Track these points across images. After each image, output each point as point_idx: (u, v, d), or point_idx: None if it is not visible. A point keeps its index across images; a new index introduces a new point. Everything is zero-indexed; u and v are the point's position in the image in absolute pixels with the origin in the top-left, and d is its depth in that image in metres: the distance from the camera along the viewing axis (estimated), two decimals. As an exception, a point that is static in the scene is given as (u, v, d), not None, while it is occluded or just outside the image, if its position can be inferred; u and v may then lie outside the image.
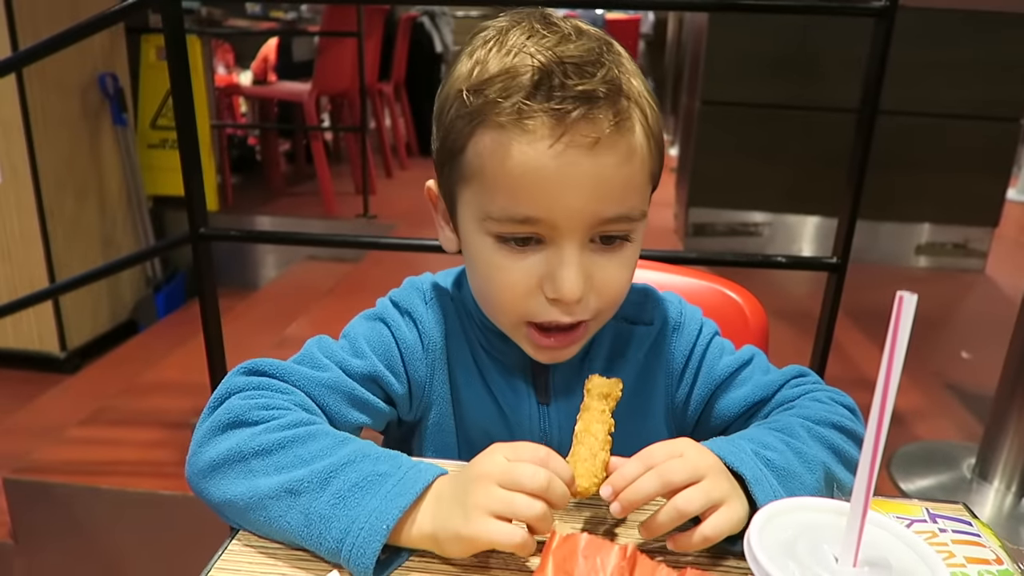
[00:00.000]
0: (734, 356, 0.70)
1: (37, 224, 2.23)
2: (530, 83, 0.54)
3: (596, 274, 0.58)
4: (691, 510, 0.51)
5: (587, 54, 0.55)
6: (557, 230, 0.56)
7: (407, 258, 2.78)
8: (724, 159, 3.15)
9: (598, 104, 0.53)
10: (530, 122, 0.54)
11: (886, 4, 1.20)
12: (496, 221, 0.57)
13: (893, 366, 0.35)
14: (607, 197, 0.56)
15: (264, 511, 0.53)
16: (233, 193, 3.88)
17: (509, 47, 0.56)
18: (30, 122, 2.16)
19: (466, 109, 0.56)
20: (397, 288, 0.71)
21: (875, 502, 0.56)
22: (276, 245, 3.25)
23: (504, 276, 0.59)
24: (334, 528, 0.50)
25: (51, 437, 1.87)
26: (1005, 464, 1.62)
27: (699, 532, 0.51)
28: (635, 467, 0.52)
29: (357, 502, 0.51)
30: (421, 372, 0.67)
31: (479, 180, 0.57)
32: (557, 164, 0.54)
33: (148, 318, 2.69)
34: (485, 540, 0.49)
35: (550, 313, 0.59)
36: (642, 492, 0.51)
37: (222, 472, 0.55)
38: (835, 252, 1.33)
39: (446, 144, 0.59)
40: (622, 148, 0.55)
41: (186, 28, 1.34)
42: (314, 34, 4.19)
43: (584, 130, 0.53)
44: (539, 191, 0.55)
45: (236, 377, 0.60)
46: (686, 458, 0.53)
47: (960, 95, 3.03)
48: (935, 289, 3.08)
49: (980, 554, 0.51)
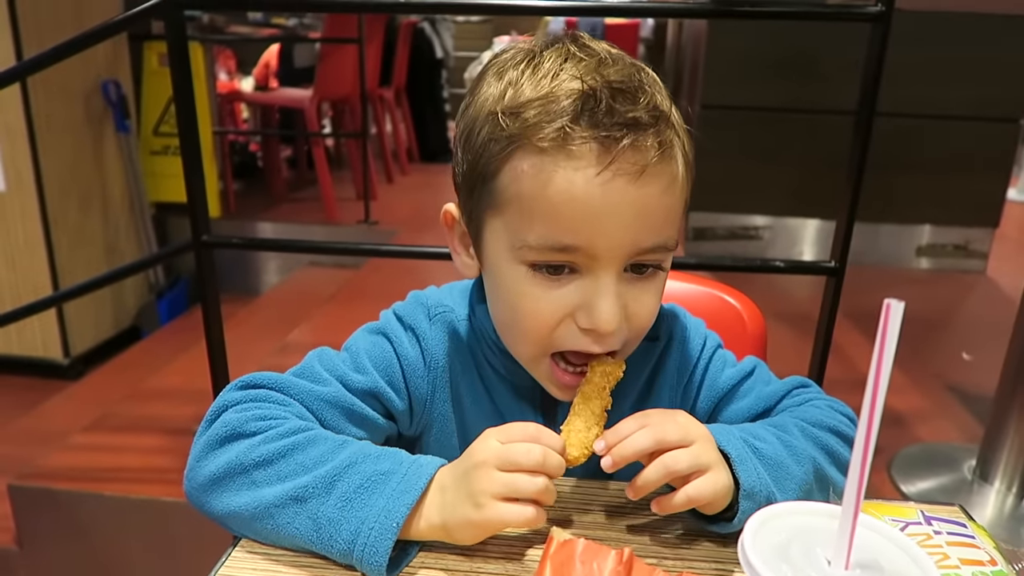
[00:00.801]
0: (736, 368, 0.70)
1: (41, 231, 2.24)
2: (573, 107, 0.52)
3: (629, 304, 0.57)
4: (678, 468, 0.53)
5: (628, 79, 0.54)
6: (596, 260, 0.54)
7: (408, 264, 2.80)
8: (724, 163, 3.15)
9: (644, 132, 0.52)
10: (576, 148, 0.52)
11: (882, 9, 1.20)
12: (533, 249, 0.55)
13: (881, 372, 0.36)
14: (648, 227, 0.55)
15: (271, 520, 0.53)
16: (235, 199, 3.89)
17: (546, 70, 0.54)
18: (34, 129, 2.17)
19: (502, 132, 0.54)
20: (401, 301, 0.70)
21: (871, 505, 0.56)
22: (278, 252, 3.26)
23: (534, 305, 0.57)
24: (344, 530, 0.51)
25: (55, 443, 1.88)
26: (1006, 465, 1.62)
27: (682, 492, 0.53)
28: (630, 425, 0.54)
29: (364, 502, 0.52)
30: (422, 389, 0.66)
31: (516, 206, 0.55)
32: (603, 192, 0.52)
33: (151, 324, 2.70)
34: (498, 523, 0.51)
35: (580, 343, 0.57)
36: (634, 446, 0.53)
37: (224, 485, 0.55)
38: (833, 256, 1.33)
39: (476, 168, 0.57)
40: (665, 177, 0.54)
41: (188, 35, 1.35)
42: (315, 40, 4.21)
43: (631, 158, 0.52)
44: (583, 219, 0.53)
45: (232, 392, 0.60)
46: (679, 422, 0.55)
47: (959, 96, 3.04)
48: (936, 290, 3.08)
49: (974, 555, 0.52)
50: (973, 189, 3.15)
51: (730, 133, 3.11)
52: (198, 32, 3.75)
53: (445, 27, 5.55)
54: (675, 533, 0.57)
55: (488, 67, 0.60)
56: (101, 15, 2.37)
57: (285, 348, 2.40)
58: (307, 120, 3.74)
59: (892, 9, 1.20)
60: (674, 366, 0.69)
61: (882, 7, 1.20)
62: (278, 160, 4.42)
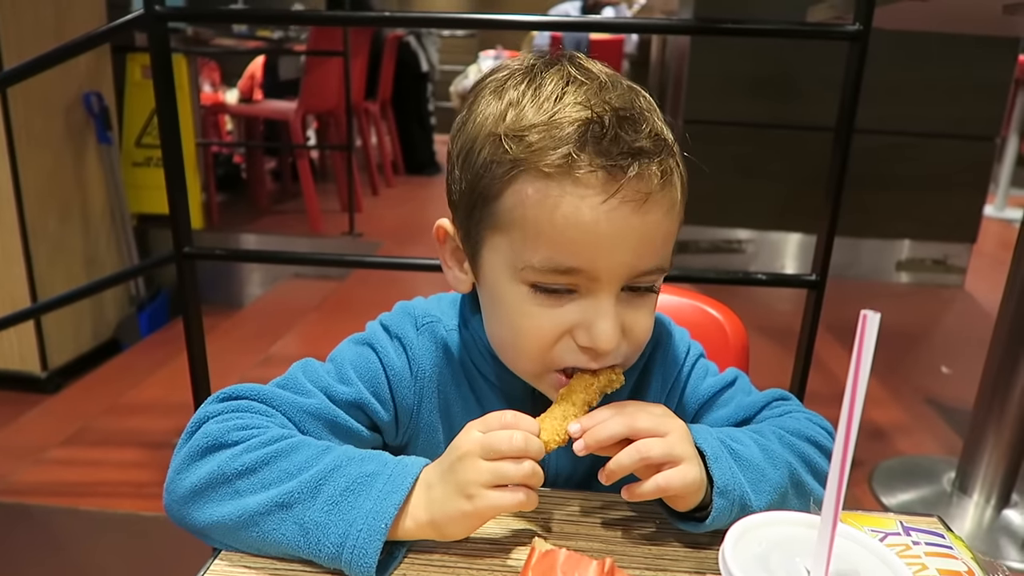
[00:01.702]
0: (718, 378, 0.72)
1: (19, 243, 2.21)
2: (579, 134, 0.53)
3: (626, 322, 0.58)
4: (651, 455, 0.54)
5: (631, 106, 0.55)
6: (597, 282, 0.55)
7: (393, 276, 2.80)
8: (706, 177, 3.17)
9: (648, 160, 0.53)
10: (582, 175, 0.52)
11: (860, 28, 1.23)
12: (536, 271, 0.55)
13: (859, 382, 0.36)
14: (648, 251, 0.56)
15: (256, 528, 0.53)
16: (218, 211, 3.87)
17: (548, 92, 0.55)
18: (13, 140, 2.15)
19: (505, 155, 0.54)
20: (388, 312, 0.70)
21: (850, 515, 0.57)
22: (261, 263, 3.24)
23: (533, 323, 0.57)
24: (331, 534, 0.51)
25: (31, 458, 1.85)
26: (984, 477, 1.64)
27: (652, 480, 0.54)
28: (606, 412, 0.56)
29: (351, 505, 0.52)
30: (408, 399, 0.66)
31: (520, 229, 0.55)
32: (608, 219, 0.53)
33: (131, 337, 2.67)
34: (491, 511, 0.52)
35: (579, 360, 0.58)
36: (608, 430, 0.54)
37: (206, 496, 0.55)
38: (814, 269, 1.35)
39: (476, 188, 0.57)
40: (666, 203, 0.56)
41: (172, 47, 1.35)
42: (301, 53, 4.22)
43: (636, 186, 0.53)
44: (587, 244, 0.54)
45: (212, 404, 0.60)
46: (655, 413, 0.57)
47: (938, 114, 3.10)
48: (915, 304, 3.12)
49: (952, 566, 0.52)
50: (951, 205, 3.20)
51: (713, 148, 3.14)
52: (182, 44, 3.74)
53: (431, 41, 5.57)
54: (657, 544, 0.57)
55: (484, 84, 0.60)
56: (83, 26, 2.36)
57: (268, 360, 2.39)
58: (292, 132, 3.74)
59: (870, 28, 1.23)
60: (659, 372, 0.70)
61: (860, 26, 1.23)
62: (262, 172, 4.41)
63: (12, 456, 1.86)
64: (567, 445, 0.66)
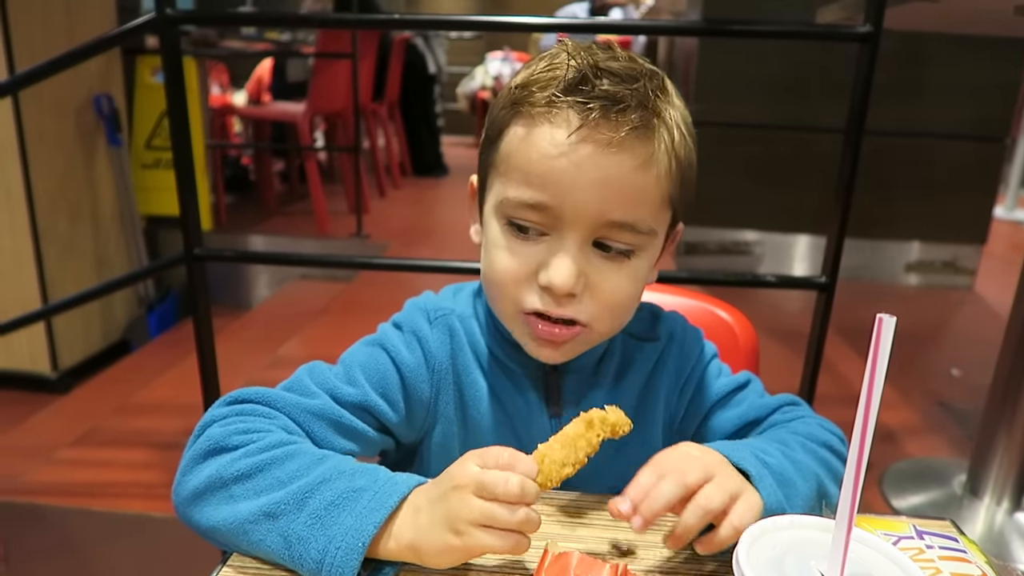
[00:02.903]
0: (731, 378, 0.72)
1: (31, 244, 2.22)
2: (566, 80, 0.57)
3: (593, 275, 0.59)
4: (714, 506, 0.51)
5: (628, 70, 0.57)
6: (562, 221, 0.58)
7: (400, 278, 2.80)
8: (715, 179, 3.18)
9: (623, 108, 0.55)
10: (558, 114, 0.56)
11: (870, 29, 1.22)
12: (511, 204, 0.59)
13: (875, 385, 0.36)
14: (615, 199, 0.57)
15: (246, 535, 0.53)
16: (227, 212, 3.89)
17: (563, 57, 0.59)
18: (25, 142, 2.16)
19: (509, 100, 0.60)
20: (399, 312, 0.70)
21: (863, 519, 0.56)
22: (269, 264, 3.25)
23: (505, 258, 0.60)
24: (312, 549, 0.51)
25: (42, 458, 1.86)
26: (995, 480, 1.62)
27: (726, 526, 0.51)
28: (649, 476, 0.52)
29: (333, 521, 0.51)
30: (425, 392, 0.66)
31: (505, 165, 0.60)
32: (572, 155, 0.56)
33: (140, 338, 2.68)
34: (478, 550, 0.50)
35: (542, 301, 0.59)
36: (663, 499, 0.50)
37: (205, 499, 0.55)
38: (824, 271, 1.34)
39: (489, 134, 0.62)
40: (640, 154, 0.57)
41: (182, 49, 1.35)
42: (309, 55, 4.23)
43: (604, 128, 0.55)
44: (551, 179, 0.57)
45: (219, 408, 0.60)
46: (696, 458, 0.54)
47: (948, 115, 3.08)
48: (925, 307, 3.10)
49: (966, 570, 0.52)
50: (961, 207, 3.19)
51: (721, 150, 3.14)
52: (191, 46, 3.76)
53: (438, 43, 5.58)
54: (670, 549, 0.56)
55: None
56: (94, 30, 2.37)
57: (277, 361, 2.39)
58: (300, 134, 3.75)
59: (881, 29, 1.22)
60: (673, 367, 0.71)
61: (871, 27, 1.22)
62: (270, 174, 4.42)
63: (23, 456, 1.87)
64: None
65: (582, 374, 0.68)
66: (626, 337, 0.70)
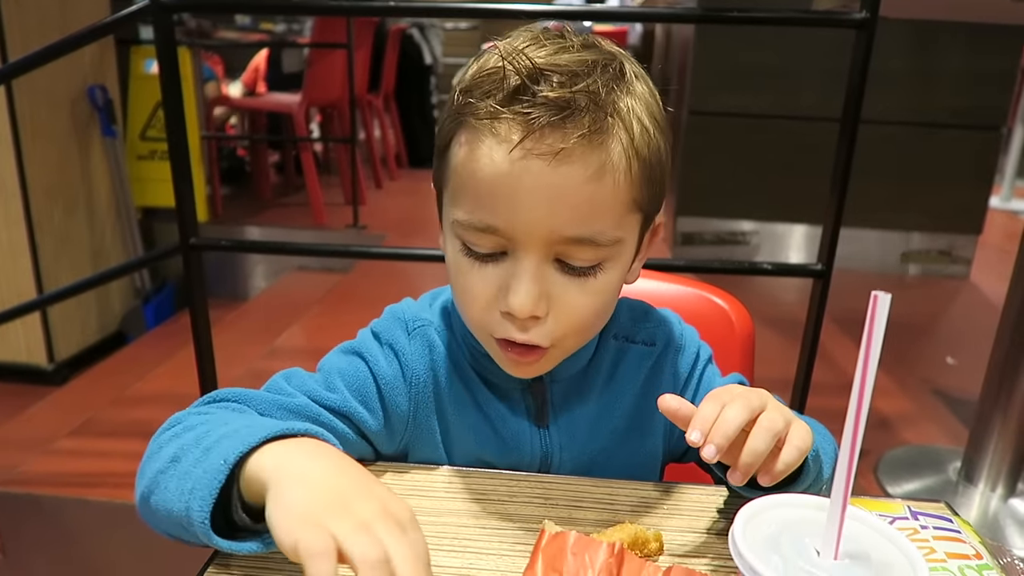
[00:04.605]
0: (725, 381, 0.71)
1: (25, 235, 2.22)
2: (509, 87, 0.52)
3: (557, 295, 0.55)
4: (779, 427, 0.51)
5: (578, 65, 0.53)
6: (515, 242, 0.54)
7: (396, 268, 2.80)
8: (712, 168, 3.18)
9: (571, 115, 0.51)
10: (500, 126, 0.52)
11: (866, 16, 1.22)
12: (462, 226, 0.55)
13: (869, 361, 0.37)
14: (567, 215, 0.53)
15: (159, 489, 0.49)
16: (223, 204, 3.88)
17: (508, 51, 0.53)
18: (18, 133, 2.15)
19: (453, 108, 0.56)
20: (378, 319, 0.68)
21: (859, 501, 0.57)
22: (266, 256, 3.25)
23: (467, 282, 0.57)
24: (188, 481, 0.46)
25: (39, 449, 1.86)
26: (990, 467, 1.64)
27: (789, 446, 0.51)
28: (712, 407, 0.51)
29: (220, 450, 0.46)
30: (403, 406, 0.64)
31: (452, 181, 0.57)
32: (516, 171, 0.52)
33: (137, 329, 2.68)
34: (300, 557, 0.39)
35: (506, 328, 0.56)
36: (734, 423, 0.49)
37: (142, 471, 0.52)
38: (820, 259, 1.35)
39: (438, 143, 0.59)
40: (592, 164, 0.52)
41: (176, 39, 1.35)
42: (304, 46, 4.21)
43: (549, 139, 0.51)
44: (498, 199, 0.53)
45: (193, 406, 0.59)
46: (748, 390, 0.54)
47: (943, 104, 3.08)
48: (921, 296, 3.11)
49: (960, 549, 0.52)
50: (957, 196, 3.19)
51: (718, 139, 3.14)
52: (185, 37, 3.74)
53: (434, 33, 5.56)
54: (666, 530, 0.57)
55: None
56: (87, 19, 2.36)
57: (274, 352, 2.39)
58: (295, 125, 3.74)
59: (877, 16, 1.22)
60: (671, 371, 0.69)
61: (867, 14, 1.22)
62: (266, 165, 4.41)
63: (20, 447, 1.87)
64: (570, 431, 0.66)
65: (568, 382, 0.66)
66: (616, 340, 0.68)
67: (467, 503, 0.60)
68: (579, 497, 0.61)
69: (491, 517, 0.58)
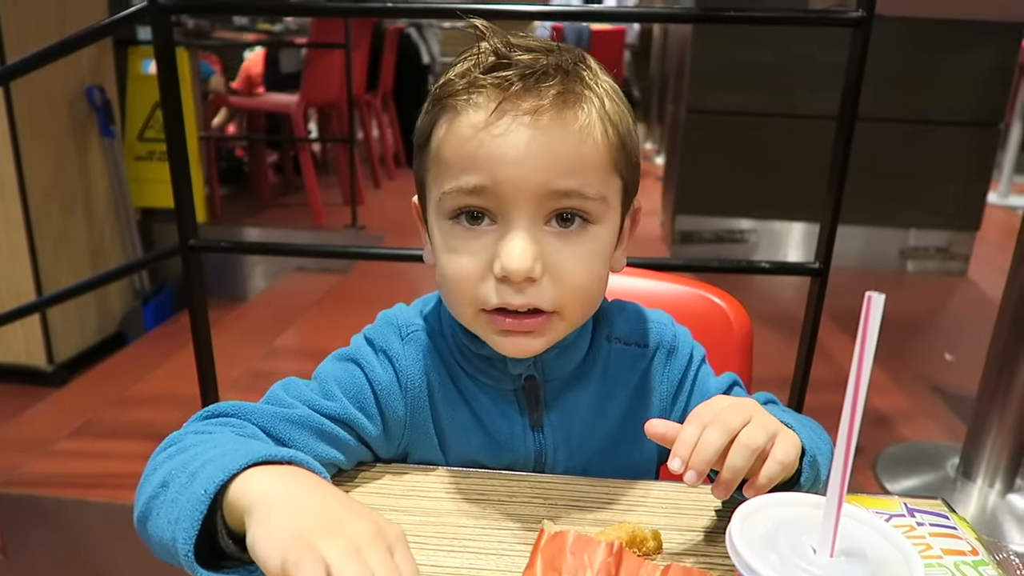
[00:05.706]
0: (719, 380, 0.71)
1: (24, 237, 2.22)
2: (483, 64, 0.56)
3: (552, 257, 0.56)
4: (758, 444, 0.51)
5: (544, 45, 0.57)
6: (505, 202, 0.55)
7: (395, 268, 2.80)
8: (710, 167, 3.18)
9: (544, 79, 0.54)
10: (478, 97, 0.55)
11: (863, 15, 1.22)
12: (449, 195, 0.57)
13: (864, 361, 0.37)
14: (553, 167, 0.55)
15: (152, 516, 0.49)
16: (221, 204, 3.88)
17: (484, 48, 0.57)
18: (17, 134, 2.15)
19: (431, 101, 0.59)
20: (371, 324, 0.68)
21: (855, 499, 0.57)
22: (264, 256, 3.25)
23: (458, 259, 0.58)
24: (175, 510, 0.46)
25: (39, 450, 1.87)
26: (988, 463, 1.64)
27: (771, 461, 0.51)
28: (692, 429, 0.51)
29: (202, 477, 0.46)
30: (399, 411, 0.64)
31: (436, 162, 0.58)
32: (497, 130, 0.54)
33: (136, 330, 2.68)
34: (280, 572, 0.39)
35: (502, 293, 0.56)
36: (711, 448, 0.50)
37: (138, 494, 0.52)
38: (817, 257, 1.35)
39: (418, 142, 0.61)
40: (569, 122, 0.55)
41: (174, 40, 1.35)
42: (302, 46, 4.21)
43: (526, 101, 0.54)
44: (482, 158, 0.55)
45: (193, 423, 0.58)
46: (731, 406, 0.54)
47: (941, 101, 3.08)
48: (919, 292, 3.12)
49: (956, 546, 0.53)
50: (955, 193, 3.19)
51: (716, 137, 3.14)
52: (183, 37, 3.74)
53: (432, 33, 5.55)
54: (664, 528, 0.57)
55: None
56: (85, 20, 2.36)
57: (273, 353, 2.39)
58: (294, 125, 3.74)
59: (873, 14, 1.22)
60: (664, 373, 0.69)
61: (863, 12, 1.22)
62: (264, 165, 4.41)
63: (20, 448, 1.88)
64: (564, 432, 0.66)
65: (561, 382, 0.66)
66: (609, 341, 0.68)
67: (466, 503, 0.60)
68: (578, 497, 0.61)
69: (490, 517, 0.58)
